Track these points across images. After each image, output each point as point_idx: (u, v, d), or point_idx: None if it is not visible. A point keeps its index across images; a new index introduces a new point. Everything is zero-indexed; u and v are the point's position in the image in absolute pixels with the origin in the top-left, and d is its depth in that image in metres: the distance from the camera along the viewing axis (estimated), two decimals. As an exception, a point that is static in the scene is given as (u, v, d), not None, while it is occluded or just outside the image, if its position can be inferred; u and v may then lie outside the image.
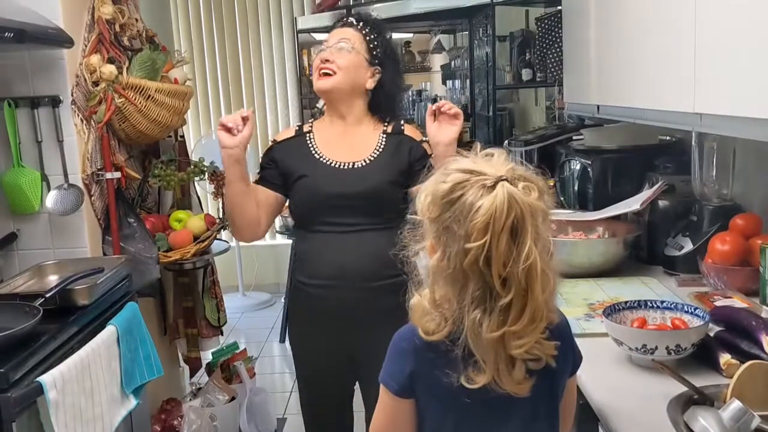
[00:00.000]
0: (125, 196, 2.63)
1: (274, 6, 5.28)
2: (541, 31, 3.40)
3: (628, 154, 2.40)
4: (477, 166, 1.06)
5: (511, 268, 1.02)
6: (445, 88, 5.39)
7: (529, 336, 1.05)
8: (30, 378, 1.65)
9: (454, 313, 1.08)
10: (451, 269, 1.06)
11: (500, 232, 1.01)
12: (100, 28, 2.49)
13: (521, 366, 1.08)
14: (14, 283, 2.12)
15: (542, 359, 1.08)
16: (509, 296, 1.03)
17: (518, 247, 1.02)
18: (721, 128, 1.45)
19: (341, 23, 2.02)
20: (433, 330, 1.10)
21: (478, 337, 1.05)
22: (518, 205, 1.01)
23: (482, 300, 1.05)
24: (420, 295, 1.14)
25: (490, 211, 1.01)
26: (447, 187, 1.06)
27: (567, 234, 2.21)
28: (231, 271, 5.00)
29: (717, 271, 1.77)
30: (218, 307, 3.18)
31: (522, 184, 1.04)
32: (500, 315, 1.04)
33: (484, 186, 1.03)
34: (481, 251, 1.02)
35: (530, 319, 1.04)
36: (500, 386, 1.08)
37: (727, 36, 1.32)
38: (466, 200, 1.03)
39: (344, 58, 1.92)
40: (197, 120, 5.40)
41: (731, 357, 1.35)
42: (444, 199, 1.06)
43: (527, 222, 1.02)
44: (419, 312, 1.13)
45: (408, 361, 1.15)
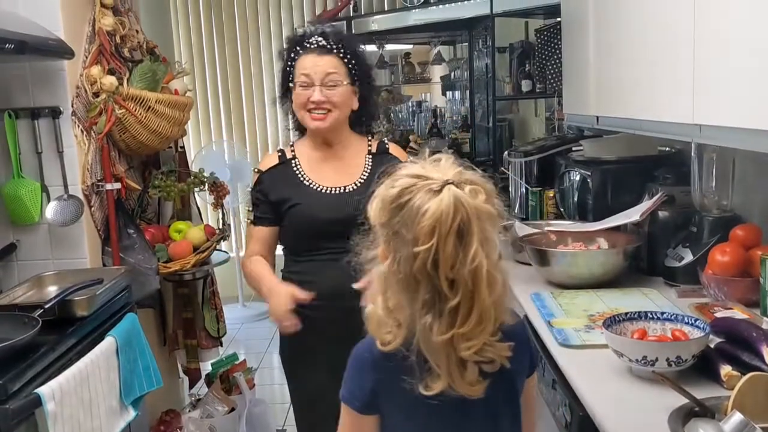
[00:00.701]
0: (125, 207, 2.63)
1: (274, 17, 5.30)
2: (541, 42, 3.41)
3: (627, 165, 2.40)
4: (424, 171, 1.08)
5: (458, 270, 1.03)
6: (444, 99, 5.40)
7: (477, 338, 1.06)
8: (28, 389, 1.64)
9: (407, 320, 1.09)
10: (402, 274, 1.07)
11: (447, 234, 1.02)
12: (101, 40, 2.50)
13: (473, 368, 1.08)
14: (13, 293, 2.12)
15: (495, 361, 1.09)
16: (457, 298, 1.04)
17: (465, 249, 1.03)
18: (720, 139, 1.45)
19: (317, 49, 1.93)
20: (389, 340, 1.11)
21: (429, 341, 1.06)
22: (464, 207, 1.03)
23: (432, 303, 1.06)
24: (374, 304, 1.14)
25: (437, 214, 1.02)
26: (395, 192, 1.07)
27: (567, 245, 2.21)
28: (231, 282, 4.99)
29: (717, 282, 1.77)
30: (218, 318, 3.17)
31: (469, 187, 1.05)
32: (449, 317, 1.05)
33: (431, 190, 1.04)
34: (428, 254, 1.02)
35: (478, 321, 1.05)
36: (454, 389, 1.08)
37: (726, 47, 1.33)
38: (414, 204, 1.04)
39: (337, 94, 1.92)
40: (197, 131, 5.41)
41: (732, 369, 1.34)
42: (392, 204, 1.07)
43: (473, 224, 1.03)
44: (375, 321, 1.13)
45: (368, 377, 1.16)
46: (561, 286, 2.05)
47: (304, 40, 1.97)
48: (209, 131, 5.44)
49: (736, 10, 1.28)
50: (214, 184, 2.99)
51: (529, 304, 1.94)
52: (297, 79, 1.94)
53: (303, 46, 1.96)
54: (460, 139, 4.41)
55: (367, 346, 1.16)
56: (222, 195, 3.01)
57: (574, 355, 1.56)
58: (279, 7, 5.27)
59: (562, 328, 1.69)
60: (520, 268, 2.31)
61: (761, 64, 1.20)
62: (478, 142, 4.35)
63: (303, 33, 2.01)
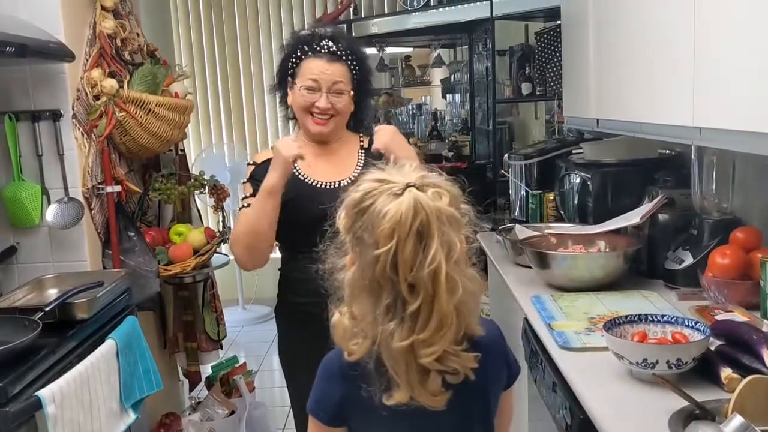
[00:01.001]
0: (125, 210, 2.63)
1: (274, 20, 5.31)
2: (541, 45, 3.42)
3: (627, 168, 2.40)
4: (387, 176, 1.08)
5: (417, 273, 1.02)
6: (445, 102, 5.40)
7: (438, 344, 1.05)
8: (29, 392, 1.64)
9: (372, 328, 1.08)
10: (367, 280, 1.06)
11: (406, 236, 1.02)
12: (102, 43, 2.50)
13: (436, 377, 1.07)
14: (14, 296, 2.12)
15: (460, 372, 1.08)
16: (417, 302, 1.03)
17: (424, 252, 1.02)
18: (720, 142, 1.45)
19: (329, 55, 1.93)
20: (355, 349, 1.10)
21: (389, 348, 1.05)
22: (424, 209, 1.02)
23: (394, 309, 1.05)
24: (340, 313, 1.13)
25: (396, 217, 1.02)
26: (358, 196, 1.07)
27: (567, 248, 2.21)
28: (231, 285, 4.99)
29: (717, 284, 1.77)
30: (218, 321, 3.17)
31: (432, 190, 1.05)
32: (409, 323, 1.04)
33: (392, 193, 1.04)
34: (387, 257, 1.02)
35: (437, 326, 1.04)
36: (416, 400, 1.07)
37: (726, 49, 1.33)
38: (375, 208, 1.04)
39: (341, 102, 1.94)
40: (198, 133, 5.41)
41: (732, 371, 1.34)
42: (355, 208, 1.07)
43: (433, 226, 1.03)
44: (340, 330, 1.13)
45: (336, 388, 1.15)
46: (561, 288, 2.05)
47: (313, 42, 1.96)
48: (209, 134, 5.44)
49: (736, 13, 1.28)
50: (215, 187, 2.99)
51: (529, 306, 1.94)
52: (302, 81, 1.94)
53: (312, 48, 1.95)
54: (460, 142, 4.41)
55: (335, 356, 1.16)
56: (222, 198, 3.02)
57: (574, 357, 1.56)
58: (279, 10, 5.28)
59: (562, 330, 1.69)
60: (520, 270, 2.31)
61: (761, 67, 1.20)
62: (478, 144, 4.35)
63: (312, 33, 2.00)
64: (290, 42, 2.03)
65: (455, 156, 4.26)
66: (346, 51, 1.95)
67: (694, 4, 1.44)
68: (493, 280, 2.61)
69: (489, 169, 4.04)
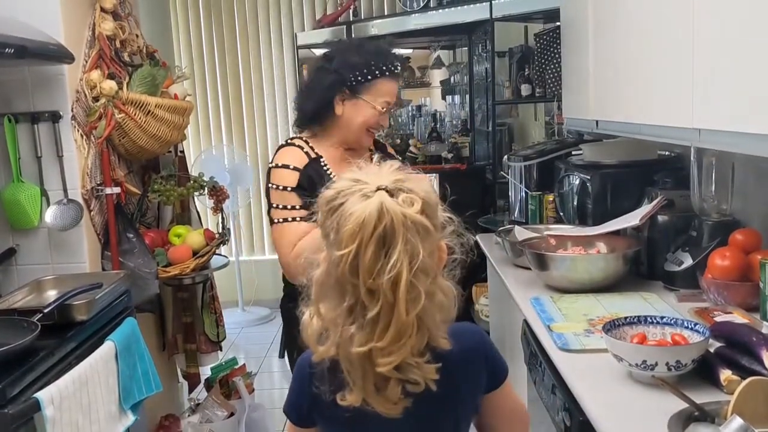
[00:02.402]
0: (125, 211, 2.63)
1: (274, 22, 5.31)
2: (540, 46, 3.42)
3: (627, 169, 2.40)
4: (363, 176, 1.06)
5: (377, 279, 1.00)
6: (444, 104, 5.39)
7: (396, 354, 1.02)
8: (27, 394, 1.64)
9: (334, 329, 1.06)
10: (332, 280, 1.05)
11: (368, 240, 0.99)
12: (101, 44, 2.50)
13: (396, 386, 1.05)
14: (12, 298, 2.12)
15: (420, 383, 1.06)
16: (376, 309, 1.01)
17: (386, 258, 1.00)
18: (720, 143, 1.45)
19: (396, 76, 2.02)
20: (322, 350, 1.09)
21: (348, 352, 1.04)
22: (390, 214, 0.99)
23: (354, 313, 1.04)
24: (309, 312, 1.11)
25: (359, 219, 0.99)
26: (331, 193, 1.06)
27: (566, 249, 2.21)
28: (231, 286, 4.99)
29: (717, 286, 1.77)
30: (217, 323, 3.17)
31: (404, 195, 1.02)
32: (368, 329, 1.02)
33: (363, 194, 1.02)
34: (348, 259, 1.00)
35: (396, 336, 1.01)
36: (369, 405, 1.06)
37: (726, 51, 1.33)
38: (344, 208, 1.02)
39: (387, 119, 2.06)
40: (197, 134, 5.41)
41: (732, 373, 1.34)
42: (328, 205, 1.05)
43: (398, 233, 1.00)
44: (309, 330, 1.11)
45: (305, 390, 1.15)
46: (561, 290, 2.05)
47: (389, 62, 2.00)
48: (209, 135, 5.44)
49: (735, 14, 1.28)
50: (214, 189, 2.99)
51: (528, 308, 1.93)
52: (376, 100, 1.97)
53: (389, 69, 1.99)
54: (460, 143, 4.41)
55: (307, 358, 1.15)
56: (222, 199, 3.02)
57: (573, 359, 1.56)
58: (279, 11, 5.28)
59: (561, 332, 1.69)
60: (519, 272, 2.31)
61: (761, 68, 1.20)
62: (477, 146, 4.35)
63: (387, 52, 2.03)
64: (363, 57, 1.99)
65: (455, 157, 4.26)
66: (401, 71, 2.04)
67: (693, 6, 1.44)
68: (492, 281, 2.61)
69: (488, 170, 4.05)
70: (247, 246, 5.53)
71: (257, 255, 5.55)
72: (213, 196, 2.99)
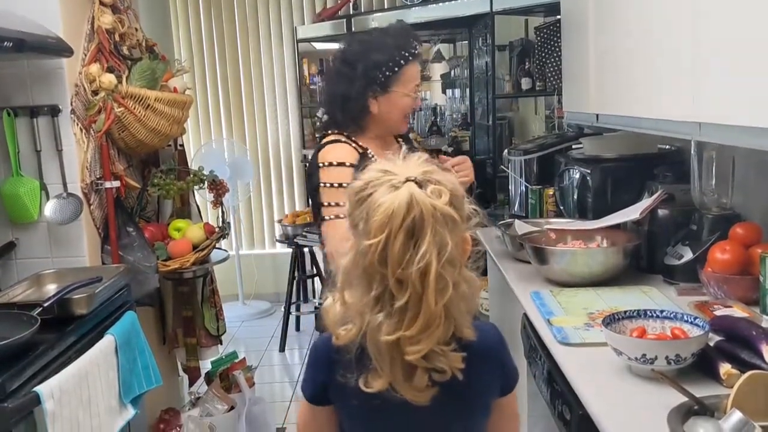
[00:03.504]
0: (124, 206, 2.63)
1: (274, 15, 5.29)
2: (541, 40, 3.41)
3: (627, 163, 2.40)
4: (392, 167, 1.08)
5: (406, 269, 1.02)
6: (445, 97, 5.39)
7: (424, 342, 1.05)
8: (27, 388, 1.64)
9: (360, 316, 1.08)
10: (359, 269, 1.07)
11: (397, 230, 1.01)
12: (100, 38, 2.50)
13: (423, 374, 1.08)
14: (12, 292, 2.12)
15: (447, 371, 1.08)
16: (404, 298, 1.03)
17: (415, 248, 1.02)
18: (720, 137, 1.44)
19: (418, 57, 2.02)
20: (343, 335, 1.11)
21: (376, 340, 1.06)
22: (420, 206, 1.01)
23: (382, 301, 1.05)
24: (333, 298, 1.14)
25: (389, 210, 1.01)
26: (360, 184, 1.08)
27: (566, 243, 2.21)
28: (231, 280, 4.99)
29: (717, 280, 1.77)
30: (217, 317, 3.17)
31: (432, 186, 1.04)
32: (397, 318, 1.04)
33: (392, 185, 1.04)
34: (377, 249, 1.02)
35: (424, 325, 1.04)
36: (396, 391, 1.08)
37: (726, 45, 1.32)
38: (373, 198, 1.04)
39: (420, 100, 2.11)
40: (197, 129, 5.40)
41: (731, 367, 1.34)
42: (356, 196, 1.07)
43: (427, 224, 1.01)
44: (331, 314, 1.13)
45: (321, 371, 1.18)
46: (561, 284, 2.05)
47: (409, 46, 1.99)
48: (209, 129, 5.43)
49: (737, 7, 1.28)
50: (214, 182, 2.99)
51: (528, 302, 1.93)
52: (406, 87, 1.99)
53: (411, 52, 1.99)
54: (460, 137, 4.41)
55: (325, 339, 1.17)
56: (221, 193, 3.01)
57: (573, 353, 1.56)
58: (279, 4, 5.27)
59: (561, 326, 1.69)
60: (519, 265, 2.31)
61: (761, 62, 1.19)
62: (477, 140, 4.34)
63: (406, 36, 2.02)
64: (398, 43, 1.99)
65: (455, 151, 4.26)
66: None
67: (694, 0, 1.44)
68: (492, 275, 2.61)
69: (489, 164, 4.04)
70: (248, 240, 5.53)
71: (257, 249, 5.55)
72: (213, 190, 2.99)
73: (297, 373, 4.18)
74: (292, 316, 4.71)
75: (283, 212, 5.37)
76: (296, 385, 3.97)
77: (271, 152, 5.47)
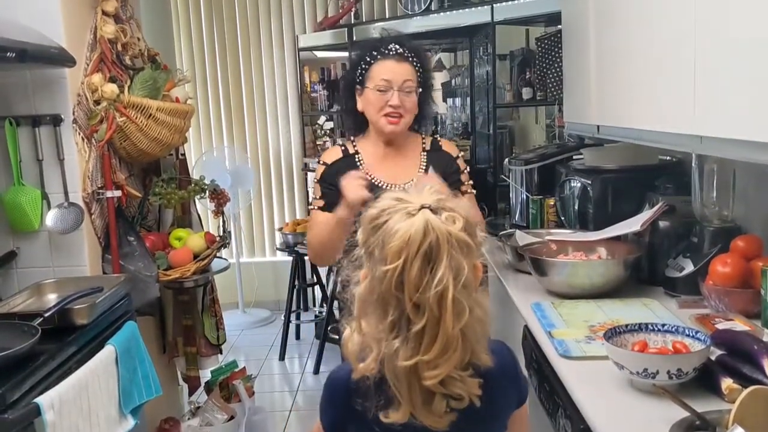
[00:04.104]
0: (125, 215, 2.63)
1: (275, 24, 5.30)
2: (541, 50, 3.41)
3: (628, 174, 2.40)
4: (406, 195, 1.10)
5: (423, 294, 1.03)
6: (445, 106, 5.39)
7: (442, 366, 1.06)
8: (27, 399, 1.64)
9: (378, 344, 1.09)
10: (375, 296, 1.08)
11: (414, 256, 1.03)
12: (102, 48, 2.50)
13: (441, 400, 1.08)
14: (13, 302, 2.12)
15: (464, 398, 1.09)
16: (422, 323, 1.04)
17: (432, 273, 1.03)
18: (721, 150, 1.45)
19: (396, 56, 2.04)
20: (362, 366, 1.12)
21: (394, 366, 1.07)
22: (435, 231, 1.03)
23: (399, 327, 1.06)
24: (350, 328, 1.15)
25: (405, 236, 1.03)
26: (375, 212, 1.09)
27: (567, 254, 2.21)
28: (231, 288, 4.99)
29: (718, 293, 1.77)
30: (218, 326, 3.17)
31: (446, 214, 1.06)
32: (414, 343, 1.05)
33: (407, 213, 1.06)
34: (394, 274, 1.03)
35: (442, 349, 1.05)
36: (417, 419, 1.08)
37: (727, 59, 1.33)
38: (388, 225, 1.06)
39: (410, 101, 2.06)
40: (198, 137, 5.41)
41: (733, 381, 1.34)
42: (371, 223, 1.09)
43: (443, 249, 1.03)
44: (350, 345, 1.14)
45: (340, 404, 1.18)
46: (562, 295, 2.05)
47: (381, 46, 2.07)
48: (210, 137, 5.43)
49: (738, 21, 1.28)
50: (215, 192, 2.99)
51: (529, 313, 1.93)
52: (374, 83, 2.04)
53: (381, 52, 2.06)
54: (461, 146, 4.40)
55: (342, 372, 1.18)
56: (222, 202, 3.02)
57: (574, 366, 1.56)
58: (280, 13, 5.28)
59: (562, 339, 1.69)
60: (521, 276, 2.30)
61: (762, 76, 1.20)
62: (478, 149, 4.35)
63: (380, 39, 2.10)
64: (357, 51, 2.16)
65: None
66: (411, 53, 2.07)
67: (696, 12, 1.44)
68: (493, 286, 2.61)
69: (489, 173, 4.04)
70: (248, 248, 5.53)
71: (258, 257, 5.55)
72: (214, 199, 2.99)
73: (297, 382, 4.17)
74: (292, 325, 4.71)
75: (284, 220, 5.37)
76: (296, 395, 3.97)
77: (272, 160, 5.47)
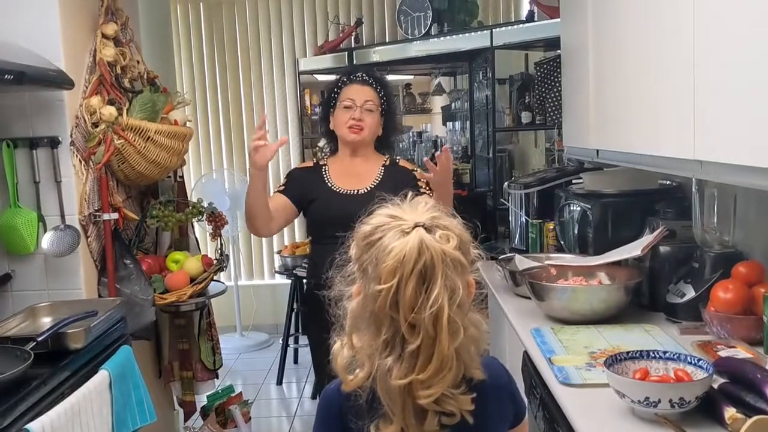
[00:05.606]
0: (122, 237, 2.61)
1: (276, 47, 5.33)
2: (540, 74, 3.42)
3: (628, 199, 2.39)
4: (400, 212, 1.09)
5: (418, 314, 1.02)
6: (445, 130, 5.41)
7: (436, 386, 1.05)
8: (19, 425, 1.61)
9: (369, 360, 1.09)
10: (368, 313, 1.07)
11: (408, 276, 1.02)
12: (102, 70, 2.50)
13: (433, 417, 1.07)
14: (7, 325, 2.10)
15: (456, 414, 1.08)
16: (417, 342, 1.03)
17: (427, 293, 1.02)
18: (721, 176, 1.43)
19: (360, 81, 2.47)
20: (352, 379, 1.11)
21: (386, 384, 1.06)
22: (430, 251, 1.03)
23: (393, 345, 1.06)
24: (341, 342, 1.14)
25: (400, 255, 1.02)
26: (368, 228, 1.09)
27: (567, 279, 2.19)
28: (229, 311, 4.95)
29: (720, 319, 1.74)
30: (214, 350, 3.14)
31: (440, 232, 1.06)
32: (408, 362, 1.04)
33: (401, 231, 1.05)
34: (389, 294, 1.02)
35: (437, 369, 1.04)
36: None
37: (727, 83, 1.32)
38: (382, 243, 1.05)
39: (370, 118, 2.44)
40: (198, 159, 5.41)
41: (736, 411, 1.31)
42: (365, 240, 1.08)
43: (437, 269, 1.03)
44: (340, 359, 1.14)
45: (334, 424, 1.17)
46: (561, 321, 2.03)
47: (350, 74, 2.53)
48: (209, 159, 5.43)
49: (736, 46, 1.28)
50: (213, 215, 2.97)
51: (529, 339, 1.91)
52: (342, 102, 2.45)
53: (349, 78, 2.51)
54: (461, 169, 4.41)
55: (334, 391, 1.17)
56: (220, 225, 3.00)
57: (574, 394, 1.53)
58: (281, 36, 5.30)
59: (562, 366, 1.66)
60: (520, 301, 2.28)
61: (762, 101, 1.19)
62: (478, 172, 4.35)
63: (351, 68, 2.47)
64: (333, 80, 2.59)
65: (455, 183, 4.25)
66: (374, 80, 2.49)
67: (694, 36, 1.44)
68: (492, 310, 2.59)
69: (489, 197, 4.04)
70: (247, 270, 5.50)
71: (256, 279, 5.52)
72: (212, 222, 2.98)
73: (294, 407, 4.12)
74: (291, 349, 4.67)
75: (283, 243, 5.35)
76: (293, 420, 3.92)
77: (271, 183, 5.46)
